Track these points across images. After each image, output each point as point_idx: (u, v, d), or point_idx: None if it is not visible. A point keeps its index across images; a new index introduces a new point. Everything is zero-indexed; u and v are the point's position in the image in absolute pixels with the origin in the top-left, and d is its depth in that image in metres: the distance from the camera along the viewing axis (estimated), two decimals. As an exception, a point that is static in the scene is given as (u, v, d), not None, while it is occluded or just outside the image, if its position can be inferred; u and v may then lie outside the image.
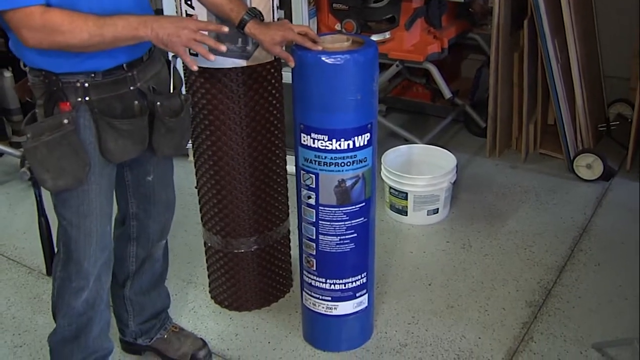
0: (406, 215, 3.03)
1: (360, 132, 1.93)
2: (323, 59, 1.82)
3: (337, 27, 3.41)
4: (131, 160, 1.84)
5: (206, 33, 1.63)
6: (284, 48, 1.91)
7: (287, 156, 2.35)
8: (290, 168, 2.18)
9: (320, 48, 1.86)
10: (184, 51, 1.58)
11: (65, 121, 1.60)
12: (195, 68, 1.62)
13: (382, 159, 3.09)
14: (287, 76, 1.96)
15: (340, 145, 1.92)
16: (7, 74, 3.54)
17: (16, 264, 2.85)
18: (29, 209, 1.98)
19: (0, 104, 3.62)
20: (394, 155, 3.19)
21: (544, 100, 3.56)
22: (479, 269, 2.70)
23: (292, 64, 1.88)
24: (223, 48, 1.65)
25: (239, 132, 2.16)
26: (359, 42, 1.93)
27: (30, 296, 2.63)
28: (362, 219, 2.06)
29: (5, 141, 3.71)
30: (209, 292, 2.57)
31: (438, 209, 3.01)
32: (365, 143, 1.95)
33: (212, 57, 1.63)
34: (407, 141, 3.55)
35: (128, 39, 1.56)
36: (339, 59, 1.82)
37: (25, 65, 1.65)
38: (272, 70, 2.15)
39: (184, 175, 2.81)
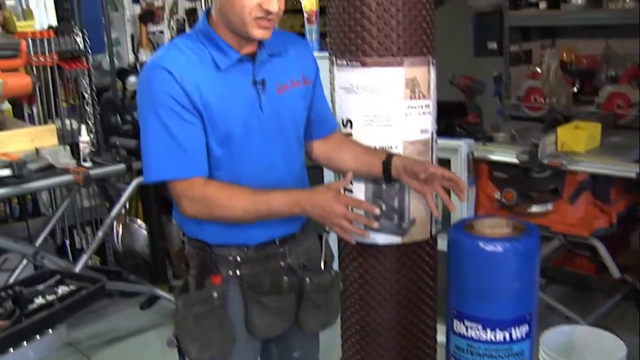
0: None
1: (517, 322, 1.82)
2: (481, 245, 1.76)
3: (497, 195, 3.33)
4: (277, 335, 1.83)
5: (361, 212, 1.63)
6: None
7: (438, 325, 2.24)
8: (441, 338, 2.09)
9: (464, 199, 1.76)
10: (340, 231, 1.58)
11: (215, 295, 1.63)
12: (353, 242, 1.62)
13: (540, 340, 2.85)
14: (442, 243, 1.88)
15: (495, 336, 1.80)
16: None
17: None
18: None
19: (166, 247, 3.84)
20: (555, 336, 2.94)
21: None
22: None
23: (453, 210, 1.73)
24: (375, 225, 1.64)
25: (389, 308, 2.10)
26: (520, 229, 1.85)
27: None
28: (516, 417, 1.88)
29: (166, 284, 3.89)
30: None
31: (604, 402, 2.69)
32: (524, 336, 1.82)
33: (366, 234, 1.63)
34: (567, 318, 3.29)
35: (281, 215, 1.61)
36: (498, 246, 1.75)
37: (184, 234, 1.72)
38: (428, 249, 2.10)
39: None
